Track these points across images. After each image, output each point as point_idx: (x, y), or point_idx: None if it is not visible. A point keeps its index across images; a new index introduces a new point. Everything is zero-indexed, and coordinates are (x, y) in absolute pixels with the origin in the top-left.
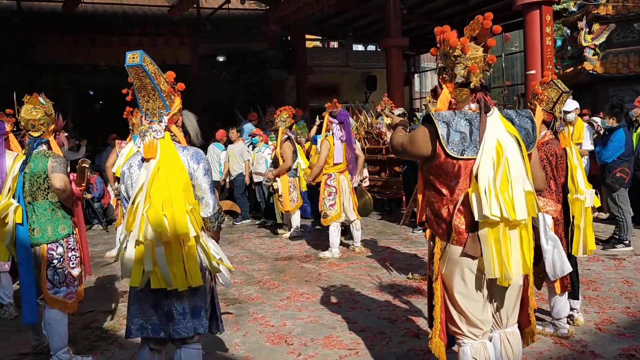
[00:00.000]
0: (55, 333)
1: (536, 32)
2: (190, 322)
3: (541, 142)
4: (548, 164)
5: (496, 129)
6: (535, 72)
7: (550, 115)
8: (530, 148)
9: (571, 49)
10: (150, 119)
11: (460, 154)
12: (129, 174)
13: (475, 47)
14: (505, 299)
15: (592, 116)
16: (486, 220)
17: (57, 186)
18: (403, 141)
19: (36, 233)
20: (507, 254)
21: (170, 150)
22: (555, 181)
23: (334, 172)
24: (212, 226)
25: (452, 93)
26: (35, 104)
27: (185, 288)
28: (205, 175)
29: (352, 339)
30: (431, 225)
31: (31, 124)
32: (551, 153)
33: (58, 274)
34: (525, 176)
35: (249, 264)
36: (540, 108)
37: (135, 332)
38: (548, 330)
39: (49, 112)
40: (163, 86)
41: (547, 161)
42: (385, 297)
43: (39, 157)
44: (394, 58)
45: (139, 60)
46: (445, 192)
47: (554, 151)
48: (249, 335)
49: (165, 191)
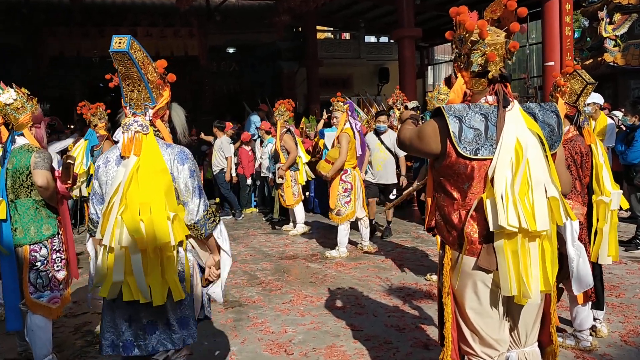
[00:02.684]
0: (38, 340)
1: (555, 22)
2: (179, 333)
3: (565, 138)
4: (573, 163)
5: (516, 125)
6: (553, 64)
7: (573, 109)
8: (555, 147)
9: (590, 40)
10: (134, 111)
11: (474, 154)
12: (105, 170)
13: (497, 32)
14: (525, 316)
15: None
16: (502, 230)
17: (38, 183)
18: (411, 136)
19: (18, 233)
20: (525, 269)
21: (152, 148)
22: (580, 182)
23: (349, 168)
24: (199, 233)
25: (467, 83)
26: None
27: (162, 303)
28: (190, 177)
29: (357, 349)
30: (441, 232)
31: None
32: (576, 151)
33: (41, 277)
34: (548, 180)
35: (253, 262)
36: (563, 101)
37: (106, 348)
38: (569, 342)
39: (8, 101)
40: (151, 76)
41: (571, 160)
42: (393, 302)
43: (22, 152)
44: (406, 49)
45: (125, 46)
46: (456, 195)
47: (579, 149)
48: (246, 343)
49: (144, 194)
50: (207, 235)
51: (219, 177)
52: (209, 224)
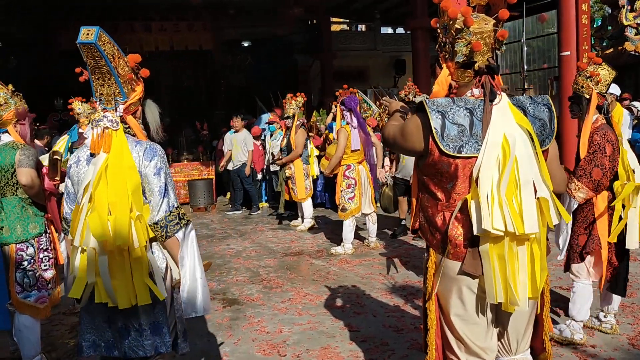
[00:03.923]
0: (26, 340)
1: (571, 10)
2: (150, 339)
3: (595, 127)
4: (599, 150)
5: (503, 120)
6: (570, 54)
7: (603, 99)
8: (547, 143)
9: (611, 29)
10: (104, 106)
11: (457, 151)
12: (76, 170)
13: (485, 19)
14: (515, 322)
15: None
16: (487, 234)
17: (22, 182)
18: (395, 133)
19: (5, 232)
20: (513, 275)
21: (121, 145)
22: (601, 169)
23: (353, 163)
24: (160, 235)
25: (452, 75)
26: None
27: (128, 306)
28: (155, 175)
29: (351, 351)
30: (424, 234)
31: None
32: (607, 139)
33: (28, 277)
34: (539, 179)
35: (257, 259)
36: (596, 92)
37: (87, 349)
38: (566, 335)
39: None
40: (122, 70)
41: (598, 147)
42: (394, 301)
43: (6, 149)
44: (420, 40)
45: (93, 37)
46: (440, 196)
47: (610, 137)
48: (240, 344)
49: (112, 193)
50: (167, 237)
51: (240, 171)
52: (170, 226)
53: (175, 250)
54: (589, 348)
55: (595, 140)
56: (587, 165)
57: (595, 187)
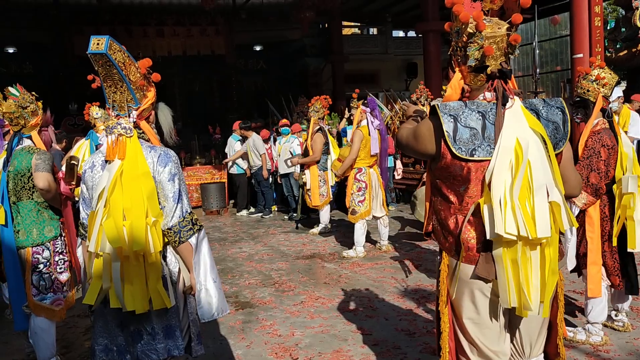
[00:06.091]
0: (41, 342)
1: (584, 12)
2: (163, 343)
3: (592, 130)
4: (594, 154)
5: (516, 124)
6: (582, 56)
7: (607, 102)
8: (560, 146)
9: (625, 31)
10: (118, 113)
11: (470, 155)
12: (91, 175)
13: (499, 24)
14: (529, 326)
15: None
16: (500, 238)
17: (39, 186)
18: (408, 136)
19: (21, 235)
20: (526, 279)
21: (136, 152)
22: (598, 173)
23: (364, 167)
24: (173, 240)
25: (465, 78)
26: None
27: (144, 311)
28: (170, 181)
29: (363, 354)
30: (437, 237)
31: (8, 117)
32: (602, 143)
33: (44, 279)
34: (552, 183)
35: (269, 262)
36: (602, 95)
37: (100, 353)
38: (580, 337)
39: (24, 104)
40: (133, 77)
41: (593, 152)
42: (407, 305)
43: (22, 154)
44: (431, 43)
45: (104, 47)
46: (452, 199)
47: (606, 141)
48: (252, 346)
49: (127, 199)
50: (180, 243)
51: (257, 174)
52: (184, 232)
53: (189, 256)
54: (602, 352)
55: (589, 145)
56: (583, 170)
57: (594, 191)
